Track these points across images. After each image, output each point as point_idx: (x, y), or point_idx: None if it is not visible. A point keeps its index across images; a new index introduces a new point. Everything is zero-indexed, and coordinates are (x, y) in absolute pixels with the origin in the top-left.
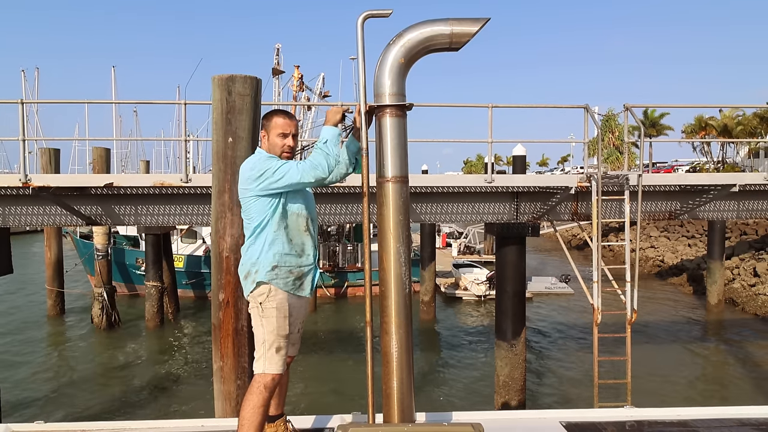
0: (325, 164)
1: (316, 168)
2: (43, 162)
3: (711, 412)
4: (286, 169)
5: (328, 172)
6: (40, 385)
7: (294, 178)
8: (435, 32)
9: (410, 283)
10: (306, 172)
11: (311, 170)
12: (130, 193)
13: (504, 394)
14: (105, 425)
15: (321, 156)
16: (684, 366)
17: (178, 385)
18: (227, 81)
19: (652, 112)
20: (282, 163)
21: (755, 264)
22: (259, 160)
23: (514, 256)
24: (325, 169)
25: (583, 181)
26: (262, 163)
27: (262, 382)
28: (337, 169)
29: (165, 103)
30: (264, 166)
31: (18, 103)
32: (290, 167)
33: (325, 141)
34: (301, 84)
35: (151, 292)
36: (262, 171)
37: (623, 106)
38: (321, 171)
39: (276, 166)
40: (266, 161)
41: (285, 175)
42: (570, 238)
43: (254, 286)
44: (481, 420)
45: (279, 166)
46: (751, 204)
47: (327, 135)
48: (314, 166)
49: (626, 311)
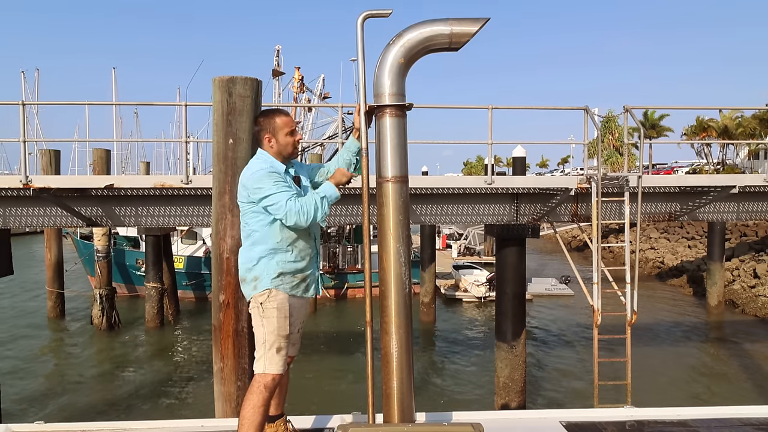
0: (312, 217)
1: (301, 215)
2: (43, 163)
3: (711, 412)
4: (275, 200)
5: (307, 223)
6: (40, 386)
7: (278, 213)
8: (435, 32)
9: (410, 283)
10: (291, 214)
11: (296, 215)
12: (130, 194)
13: (504, 396)
14: (105, 425)
15: (312, 208)
16: (684, 367)
17: (178, 386)
18: (228, 82)
19: (652, 114)
20: (276, 191)
21: (755, 265)
22: (260, 175)
23: (514, 257)
24: (308, 221)
25: (583, 182)
26: (260, 180)
27: (263, 382)
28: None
29: (165, 105)
30: (260, 183)
31: (19, 104)
32: (279, 202)
33: (323, 196)
34: (302, 85)
35: (151, 293)
36: (256, 187)
37: (623, 108)
38: (304, 220)
39: (268, 192)
40: (264, 178)
41: (272, 206)
42: (570, 239)
43: (257, 292)
44: (481, 420)
45: (271, 193)
46: (751, 205)
47: (326, 192)
48: (302, 213)
49: (626, 312)
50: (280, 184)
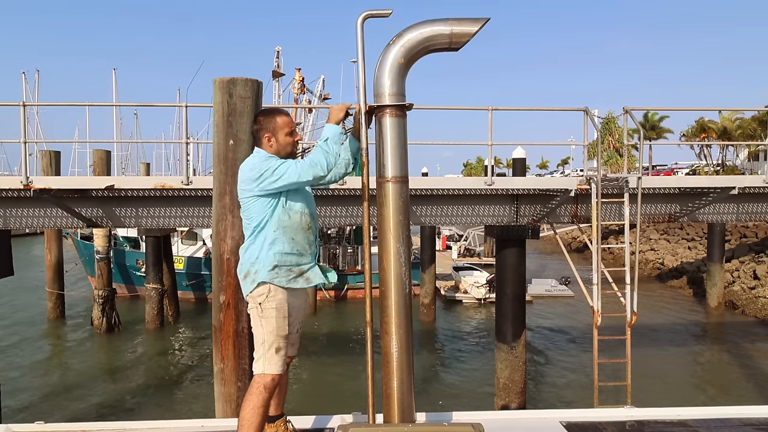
0: (325, 162)
1: (314, 166)
2: (43, 164)
3: (711, 412)
4: (285, 169)
5: (327, 170)
6: (40, 387)
7: (292, 177)
8: (435, 32)
9: (410, 283)
10: (305, 170)
11: (310, 168)
12: (131, 195)
13: (504, 397)
14: (105, 425)
15: (321, 154)
16: (684, 368)
17: (178, 387)
18: (228, 84)
19: (653, 115)
20: (280, 163)
21: (755, 267)
22: (259, 161)
23: (514, 258)
24: (324, 168)
25: (582, 183)
26: (262, 164)
27: (262, 383)
28: (336, 168)
29: (165, 106)
30: (263, 166)
31: (20, 105)
32: (288, 166)
33: (326, 139)
34: (303, 86)
35: (151, 294)
36: (262, 171)
37: (623, 109)
38: (320, 169)
39: (275, 165)
40: (265, 161)
41: (284, 174)
42: (570, 240)
43: (254, 286)
44: (481, 420)
45: (278, 165)
46: (751, 207)
47: (328, 133)
48: (313, 164)
49: (626, 314)
50: (280, 161)
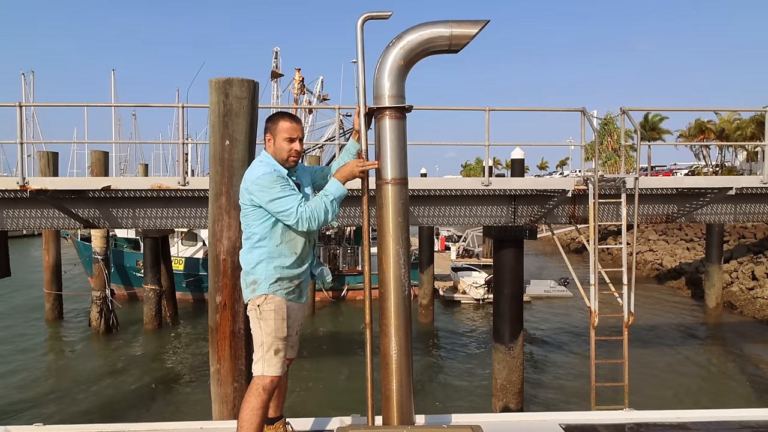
0: (323, 220)
1: (312, 221)
2: (41, 165)
3: (710, 415)
4: (285, 207)
5: (318, 226)
6: (38, 389)
7: (288, 220)
8: (434, 34)
9: (410, 285)
10: (302, 221)
11: (307, 222)
12: (127, 196)
13: (502, 398)
14: (103, 428)
15: (322, 211)
16: (682, 369)
17: (176, 388)
18: (224, 84)
19: (653, 117)
20: (285, 196)
21: (753, 267)
22: (267, 179)
23: (512, 259)
24: (320, 224)
25: (580, 183)
26: (268, 185)
27: (261, 385)
28: (324, 223)
29: (163, 106)
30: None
31: (16, 106)
32: (290, 208)
33: (332, 199)
34: (302, 87)
35: (149, 295)
36: (263, 190)
37: (620, 110)
38: (316, 224)
39: (278, 195)
40: (273, 183)
41: (283, 212)
42: (569, 241)
43: (254, 295)
44: (480, 422)
45: (283, 197)
46: (749, 207)
47: (335, 192)
48: (312, 218)
49: (623, 314)
50: (287, 189)
